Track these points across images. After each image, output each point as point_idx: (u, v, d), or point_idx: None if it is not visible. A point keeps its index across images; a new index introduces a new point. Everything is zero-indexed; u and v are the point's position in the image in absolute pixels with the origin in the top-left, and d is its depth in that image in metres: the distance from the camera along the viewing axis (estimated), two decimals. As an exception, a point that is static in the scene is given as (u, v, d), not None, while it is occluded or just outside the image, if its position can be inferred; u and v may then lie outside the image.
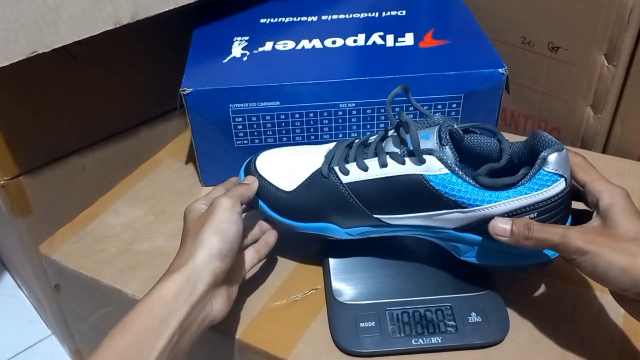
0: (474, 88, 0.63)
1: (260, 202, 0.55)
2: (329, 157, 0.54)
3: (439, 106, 0.64)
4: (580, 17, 0.71)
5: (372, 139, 0.55)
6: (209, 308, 0.46)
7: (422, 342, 0.50)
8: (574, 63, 0.74)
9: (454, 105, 0.65)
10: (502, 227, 0.47)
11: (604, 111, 0.74)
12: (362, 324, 0.52)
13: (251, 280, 0.58)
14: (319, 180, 0.53)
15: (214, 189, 0.55)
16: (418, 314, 0.52)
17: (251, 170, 0.56)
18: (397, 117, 0.52)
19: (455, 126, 0.51)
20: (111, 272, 0.59)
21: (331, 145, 0.57)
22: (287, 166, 0.55)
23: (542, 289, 0.55)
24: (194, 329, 0.45)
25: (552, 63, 0.76)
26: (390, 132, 0.53)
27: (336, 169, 0.53)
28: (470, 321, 0.52)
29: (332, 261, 0.57)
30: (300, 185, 0.54)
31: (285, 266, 0.59)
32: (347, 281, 0.55)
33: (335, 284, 0.55)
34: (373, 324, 0.52)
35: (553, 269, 0.57)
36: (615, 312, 0.53)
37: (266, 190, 0.55)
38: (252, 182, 0.54)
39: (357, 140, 0.55)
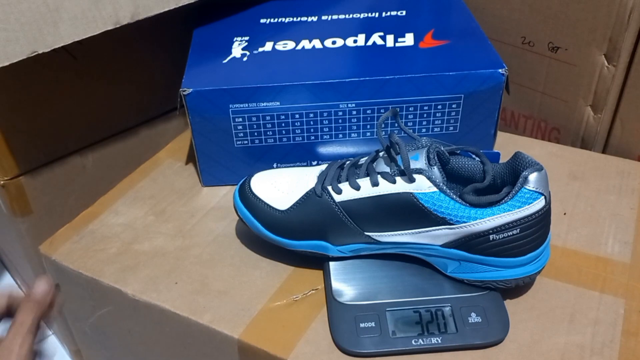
0: (474, 88, 0.63)
1: (254, 221, 0.57)
2: (322, 177, 0.56)
3: (439, 106, 0.64)
4: (580, 17, 0.71)
5: (362, 160, 0.56)
6: None
7: (422, 343, 0.51)
8: (574, 63, 0.74)
9: (454, 106, 0.65)
10: None
11: (604, 111, 0.74)
12: (362, 325, 0.52)
13: (251, 280, 0.58)
14: (313, 199, 0.55)
15: None
16: (418, 314, 0.52)
17: (246, 190, 0.57)
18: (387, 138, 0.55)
19: (442, 148, 0.53)
20: (111, 272, 0.59)
21: (323, 166, 0.58)
22: (281, 186, 0.57)
23: (542, 289, 0.55)
24: None
25: (552, 63, 0.76)
26: (381, 154, 0.55)
27: (329, 188, 0.55)
28: (470, 321, 0.52)
29: (333, 262, 0.57)
30: (294, 204, 0.55)
31: (285, 266, 0.59)
32: (347, 281, 0.55)
33: (336, 285, 0.55)
34: (373, 324, 0.52)
35: (553, 269, 0.57)
36: (615, 312, 0.53)
37: (260, 209, 0.56)
38: (46, 294, 0.43)
39: (348, 162, 0.57)
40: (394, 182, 0.52)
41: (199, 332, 0.55)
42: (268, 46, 0.69)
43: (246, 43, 0.70)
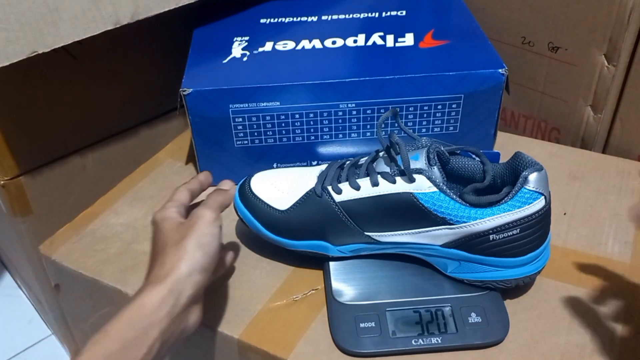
0: (474, 88, 0.63)
1: (254, 221, 0.57)
2: (322, 177, 0.56)
3: (439, 106, 0.64)
4: (580, 17, 0.71)
5: (362, 160, 0.56)
6: (187, 321, 0.46)
7: (422, 343, 0.51)
8: (574, 63, 0.74)
9: (454, 106, 0.65)
10: None
11: (604, 111, 0.74)
12: (362, 325, 0.52)
13: (251, 280, 0.58)
14: (313, 199, 0.55)
15: (179, 191, 0.53)
16: (418, 314, 0.52)
17: (246, 190, 0.57)
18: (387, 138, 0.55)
19: (442, 148, 0.53)
20: (111, 272, 0.59)
21: (323, 166, 0.58)
22: (281, 186, 0.57)
23: (542, 289, 0.55)
24: (171, 341, 0.45)
25: (552, 63, 0.76)
26: (381, 154, 0.55)
27: (329, 188, 0.55)
28: (470, 321, 0.52)
29: (333, 262, 0.57)
30: (294, 205, 0.55)
31: (285, 266, 0.59)
32: (347, 282, 0.55)
33: (336, 285, 0.55)
34: (373, 324, 0.52)
35: (553, 269, 0.57)
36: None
37: (260, 209, 0.56)
38: (230, 189, 0.53)
39: (348, 162, 0.57)
40: (394, 182, 0.52)
41: (199, 332, 0.55)
42: (268, 46, 0.69)
43: (246, 43, 0.70)
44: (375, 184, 0.53)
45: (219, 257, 0.50)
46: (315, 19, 0.75)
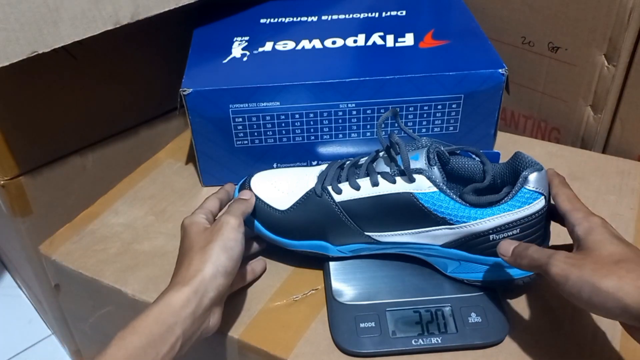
0: (474, 88, 0.63)
1: (255, 221, 0.57)
2: (322, 177, 0.56)
3: (439, 106, 0.64)
4: (580, 17, 0.71)
5: (362, 160, 0.56)
6: (208, 321, 0.48)
7: (422, 343, 0.51)
8: (574, 63, 0.74)
9: (454, 106, 0.65)
10: (506, 247, 0.49)
11: (604, 111, 0.74)
12: (362, 325, 0.52)
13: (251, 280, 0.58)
14: (313, 199, 0.55)
15: (208, 200, 0.55)
16: (418, 314, 0.52)
17: (246, 189, 0.57)
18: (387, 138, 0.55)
19: (442, 148, 0.53)
20: (111, 272, 0.59)
21: (323, 166, 0.58)
22: (281, 186, 0.57)
23: (542, 289, 0.55)
24: (193, 340, 0.46)
25: (552, 63, 0.76)
26: (381, 154, 0.55)
27: (329, 188, 0.55)
28: (470, 321, 0.52)
29: (333, 262, 0.57)
30: (294, 205, 0.55)
31: (285, 267, 0.59)
32: (347, 282, 0.55)
33: (335, 285, 0.55)
34: (373, 324, 0.52)
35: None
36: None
37: (260, 209, 0.56)
38: (250, 198, 0.56)
39: (348, 162, 0.57)
40: (394, 182, 0.52)
41: (199, 332, 0.55)
42: (268, 46, 0.69)
43: (246, 43, 0.70)
44: (375, 184, 0.53)
45: (239, 270, 0.51)
46: (315, 19, 0.75)
